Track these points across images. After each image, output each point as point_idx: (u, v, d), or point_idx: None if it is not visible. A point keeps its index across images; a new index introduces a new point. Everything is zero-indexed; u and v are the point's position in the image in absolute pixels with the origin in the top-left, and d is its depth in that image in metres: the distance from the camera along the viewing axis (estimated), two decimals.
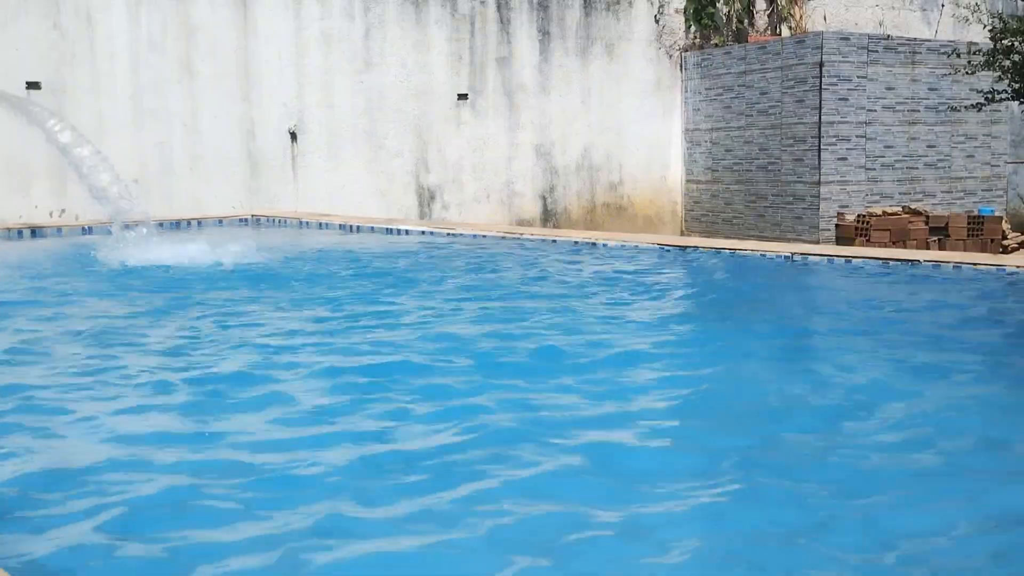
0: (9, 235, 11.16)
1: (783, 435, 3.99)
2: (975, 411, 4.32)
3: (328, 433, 3.96)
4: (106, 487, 3.36)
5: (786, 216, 14.48)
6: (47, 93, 11.96)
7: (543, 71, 15.25)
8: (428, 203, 14.53)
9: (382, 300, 7.10)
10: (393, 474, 3.48)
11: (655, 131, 16.20)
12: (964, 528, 3.08)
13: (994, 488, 3.40)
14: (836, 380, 4.81)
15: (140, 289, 7.65)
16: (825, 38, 13.87)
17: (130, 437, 3.91)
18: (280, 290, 7.58)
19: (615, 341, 5.67)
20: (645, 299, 7.22)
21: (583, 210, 15.71)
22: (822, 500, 3.29)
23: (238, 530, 3.01)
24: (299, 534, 2.96)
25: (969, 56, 13.63)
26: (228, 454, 3.71)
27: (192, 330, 5.95)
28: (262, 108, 13.35)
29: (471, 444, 3.78)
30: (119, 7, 12.40)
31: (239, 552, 2.87)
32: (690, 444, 3.95)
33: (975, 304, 6.95)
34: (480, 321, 6.32)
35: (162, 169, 12.78)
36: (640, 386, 4.72)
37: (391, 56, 14.13)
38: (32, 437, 3.91)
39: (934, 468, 3.63)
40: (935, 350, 5.50)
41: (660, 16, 16.10)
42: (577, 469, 3.54)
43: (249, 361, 5.14)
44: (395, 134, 14.22)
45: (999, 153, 15.42)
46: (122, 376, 4.85)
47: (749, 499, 3.31)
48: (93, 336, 5.75)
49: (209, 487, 3.33)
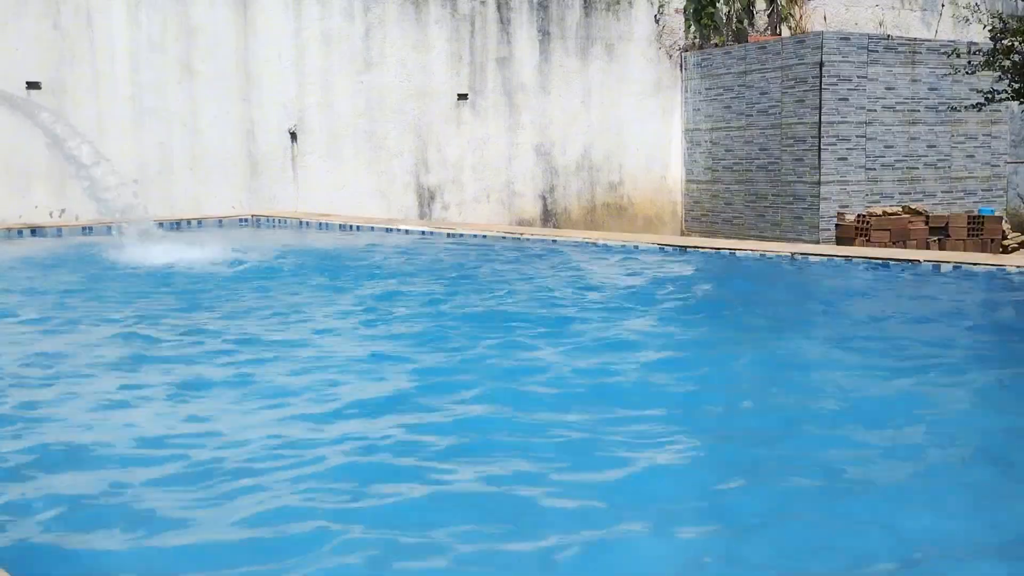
0: (9, 235, 11.15)
1: (783, 435, 3.99)
2: (975, 411, 4.31)
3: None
4: (106, 488, 3.37)
5: (786, 216, 14.48)
6: (47, 93, 11.95)
7: (543, 71, 15.24)
8: (428, 203, 14.53)
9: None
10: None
11: (655, 131, 16.19)
12: (964, 530, 3.08)
13: (994, 488, 3.40)
14: (836, 380, 4.81)
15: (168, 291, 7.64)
16: (825, 38, 13.86)
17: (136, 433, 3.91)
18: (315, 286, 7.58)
19: (615, 341, 5.67)
20: (645, 299, 7.22)
21: (583, 210, 15.71)
22: (822, 500, 3.29)
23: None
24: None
25: (969, 56, 13.62)
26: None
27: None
28: (262, 108, 13.34)
29: (471, 445, 3.78)
30: (119, 7, 12.39)
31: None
32: (690, 444, 3.94)
33: (975, 304, 6.95)
34: (479, 321, 6.32)
35: (162, 169, 12.78)
36: (640, 386, 4.72)
37: (391, 56, 14.13)
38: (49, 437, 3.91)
39: (934, 468, 3.63)
40: (935, 350, 5.50)
41: (660, 16, 16.09)
42: (572, 468, 3.54)
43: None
44: (395, 134, 14.21)
45: (999, 153, 15.42)
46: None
47: (749, 500, 3.31)
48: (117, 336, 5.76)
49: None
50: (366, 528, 3.01)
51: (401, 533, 2.98)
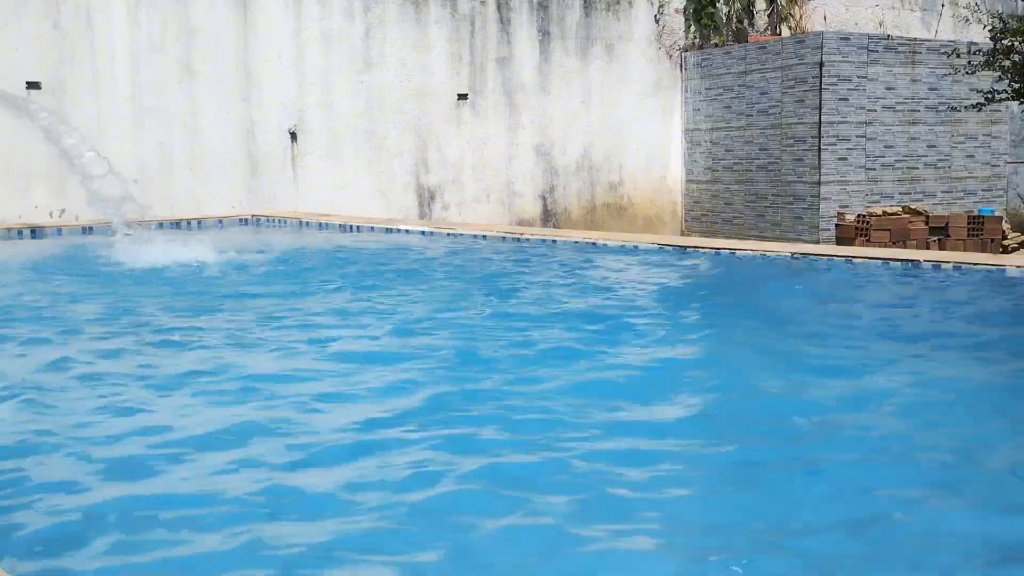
0: (9, 235, 11.15)
1: (782, 435, 3.99)
2: (974, 411, 4.31)
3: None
4: (110, 489, 3.37)
5: (786, 216, 14.48)
6: (47, 93, 11.95)
7: (543, 71, 15.24)
8: (428, 203, 14.53)
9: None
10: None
11: (655, 131, 16.19)
12: (963, 530, 3.08)
13: (993, 487, 3.40)
14: (835, 381, 4.81)
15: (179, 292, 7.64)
16: (825, 38, 13.87)
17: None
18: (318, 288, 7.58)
19: (614, 340, 5.67)
20: (645, 299, 7.22)
21: (583, 210, 15.71)
22: (820, 501, 3.29)
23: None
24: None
25: (969, 56, 13.61)
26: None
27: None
28: (262, 108, 13.35)
29: (476, 441, 3.78)
30: (119, 7, 12.39)
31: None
32: (689, 445, 3.94)
33: (975, 304, 6.95)
34: (480, 321, 6.32)
35: (162, 169, 12.78)
36: (639, 387, 4.72)
37: (391, 56, 14.13)
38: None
39: (933, 468, 3.63)
40: (934, 350, 5.50)
41: (660, 16, 16.09)
42: (568, 468, 3.54)
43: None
44: (395, 134, 14.21)
45: (999, 153, 15.42)
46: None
47: (747, 499, 3.31)
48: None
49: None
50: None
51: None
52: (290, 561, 2.82)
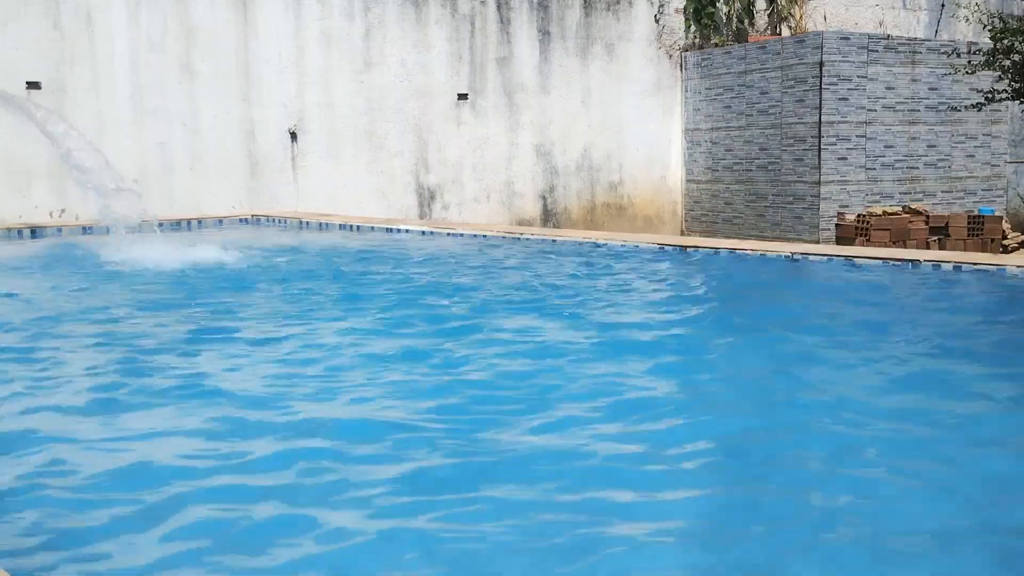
0: (9, 235, 11.15)
1: (781, 435, 3.99)
2: (974, 411, 4.31)
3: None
4: (111, 491, 3.37)
5: (786, 216, 14.48)
6: (47, 93, 11.95)
7: (543, 71, 15.24)
8: (428, 203, 14.53)
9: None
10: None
11: (655, 131, 16.19)
12: (961, 530, 3.08)
13: (993, 487, 3.40)
14: (835, 381, 4.81)
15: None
16: (825, 38, 13.87)
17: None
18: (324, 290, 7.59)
19: (614, 340, 5.67)
20: (645, 299, 7.22)
21: (583, 210, 15.71)
22: (819, 501, 3.29)
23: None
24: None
25: (969, 56, 13.62)
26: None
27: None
28: (262, 108, 13.35)
29: (480, 443, 3.78)
30: (119, 7, 12.39)
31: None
32: (689, 445, 3.94)
33: (974, 304, 6.95)
34: (478, 320, 6.32)
35: (162, 169, 12.78)
36: (639, 386, 4.72)
37: (391, 56, 14.13)
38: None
39: (932, 467, 3.63)
40: (934, 350, 5.50)
41: (660, 16, 16.10)
42: (569, 467, 3.54)
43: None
44: (395, 134, 14.22)
45: (999, 153, 15.42)
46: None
47: (747, 499, 3.31)
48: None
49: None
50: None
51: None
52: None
